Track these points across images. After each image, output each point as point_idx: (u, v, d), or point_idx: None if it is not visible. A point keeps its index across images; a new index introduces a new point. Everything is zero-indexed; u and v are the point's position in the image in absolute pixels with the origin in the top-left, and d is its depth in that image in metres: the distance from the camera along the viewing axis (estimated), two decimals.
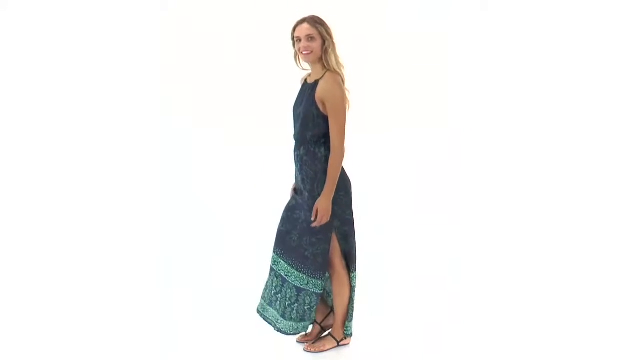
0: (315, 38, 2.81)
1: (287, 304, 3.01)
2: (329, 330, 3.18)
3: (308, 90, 2.90)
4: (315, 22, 2.83)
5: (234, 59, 6.09)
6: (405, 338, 3.24)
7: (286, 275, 3.01)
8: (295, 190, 3.05)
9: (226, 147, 6.04)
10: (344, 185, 2.93)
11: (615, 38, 5.68)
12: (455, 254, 4.41)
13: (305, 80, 2.99)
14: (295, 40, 2.86)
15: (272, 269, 3.06)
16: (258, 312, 3.16)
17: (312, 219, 2.85)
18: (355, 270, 3.05)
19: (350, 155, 3.08)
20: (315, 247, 2.92)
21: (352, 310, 3.08)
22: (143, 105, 6.07)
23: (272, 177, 5.28)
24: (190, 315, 3.49)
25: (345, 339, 3.12)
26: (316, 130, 2.86)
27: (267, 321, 3.11)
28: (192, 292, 3.80)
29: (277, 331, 3.07)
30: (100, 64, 5.96)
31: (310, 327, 3.22)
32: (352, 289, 3.05)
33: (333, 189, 2.84)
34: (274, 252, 3.05)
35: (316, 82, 2.85)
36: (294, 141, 2.98)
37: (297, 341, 3.19)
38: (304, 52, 2.82)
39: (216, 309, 3.56)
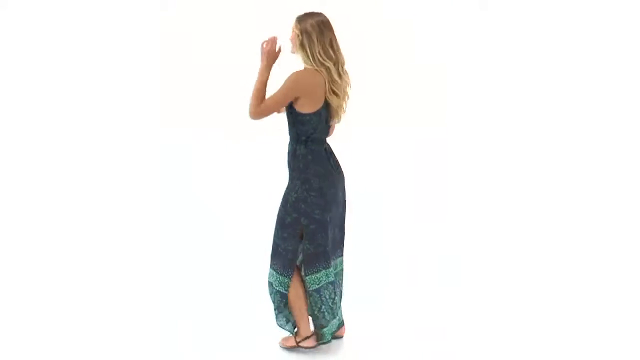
0: (297, 33, 2.84)
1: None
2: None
3: None
4: (300, 18, 2.86)
5: (235, 58, 6.07)
6: (400, 336, 3.24)
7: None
8: None
9: (227, 146, 6.04)
10: (318, 186, 2.90)
11: (615, 37, 5.69)
12: (450, 251, 4.36)
13: None
14: None
15: None
16: None
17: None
18: (311, 274, 2.94)
19: (348, 153, 3.09)
20: (287, 243, 2.93)
21: (322, 316, 2.99)
22: (142, 104, 6.07)
23: (273, 176, 5.27)
24: (189, 314, 3.49)
25: (305, 340, 3.06)
26: (290, 125, 2.93)
27: None
28: (190, 291, 3.79)
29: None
30: (100, 64, 5.97)
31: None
32: (309, 294, 2.98)
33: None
34: None
35: None
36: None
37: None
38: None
39: (215, 309, 3.55)
